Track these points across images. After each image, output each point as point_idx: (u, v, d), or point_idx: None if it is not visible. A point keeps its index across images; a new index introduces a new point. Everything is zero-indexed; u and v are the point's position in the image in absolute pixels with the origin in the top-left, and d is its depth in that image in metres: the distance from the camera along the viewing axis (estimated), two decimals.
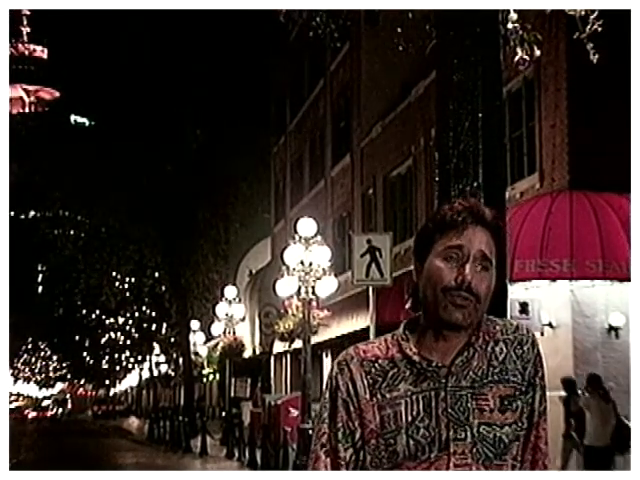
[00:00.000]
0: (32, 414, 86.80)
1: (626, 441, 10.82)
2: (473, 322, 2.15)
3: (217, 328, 30.23)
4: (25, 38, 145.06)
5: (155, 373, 55.56)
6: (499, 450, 2.12)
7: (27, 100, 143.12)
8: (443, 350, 2.16)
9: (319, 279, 16.94)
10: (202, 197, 34.23)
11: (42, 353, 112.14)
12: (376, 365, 2.19)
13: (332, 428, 2.20)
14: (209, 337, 36.52)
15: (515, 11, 5.55)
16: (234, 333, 29.21)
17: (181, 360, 41.34)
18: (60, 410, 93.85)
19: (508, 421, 2.14)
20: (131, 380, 76.56)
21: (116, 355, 68.70)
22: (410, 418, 2.13)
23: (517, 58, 5.65)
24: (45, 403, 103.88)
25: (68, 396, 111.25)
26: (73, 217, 40.26)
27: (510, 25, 5.55)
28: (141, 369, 64.45)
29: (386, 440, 2.14)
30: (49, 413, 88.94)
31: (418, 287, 2.21)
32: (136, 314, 52.44)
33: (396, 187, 23.77)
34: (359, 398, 2.18)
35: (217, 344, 32.41)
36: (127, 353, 65.44)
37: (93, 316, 57.22)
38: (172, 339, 47.94)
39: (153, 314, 49.93)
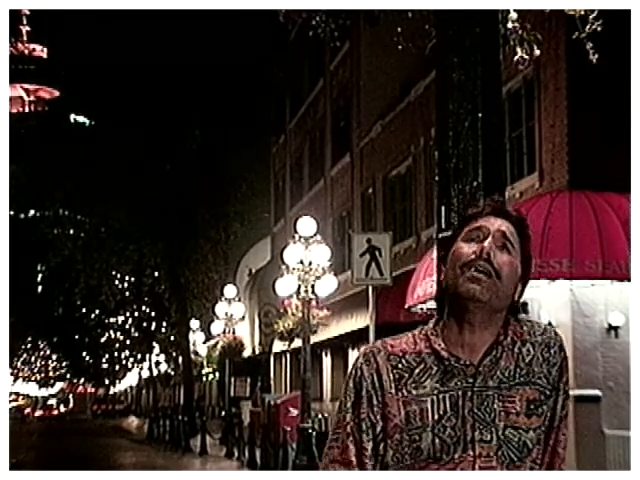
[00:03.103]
0: (38, 412, 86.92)
1: None
2: (492, 300, 2.10)
3: (217, 327, 30.21)
4: (25, 37, 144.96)
5: (155, 372, 55.51)
6: (523, 454, 2.08)
7: (27, 99, 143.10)
8: (469, 346, 2.12)
9: (319, 278, 16.91)
10: (202, 196, 34.25)
11: (42, 352, 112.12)
12: (403, 360, 2.15)
13: (355, 418, 2.16)
14: (209, 336, 36.48)
15: (515, 11, 5.56)
16: (234, 332, 29.19)
17: (181, 359, 41.35)
18: (63, 409, 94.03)
19: (533, 426, 2.10)
20: (131, 379, 76.54)
21: (115, 354, 68.70)
22: (437, 416, 2.09)
23: (517, 57, 5.66)
24: (50, 402, 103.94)
25: (70, 395, 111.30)
26: (73, 217, 40.28)
27: (510, 25, 5.55)
28: (140, 368, 64.42)
29: (410, 436, 2.09)
30: (54, 412, 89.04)
31: (441, 290, 2.19)
32: (136, 313, 52.38)
33: (396, 187, 23.77)
34: (384, 391, 2.14)
35: (217, 343, 32.37)
36: (127, 352, 65.43)
37: (93, 315, 57.13)
38: (172, 338, 47.91)
39: (153, 313, 49.88)
